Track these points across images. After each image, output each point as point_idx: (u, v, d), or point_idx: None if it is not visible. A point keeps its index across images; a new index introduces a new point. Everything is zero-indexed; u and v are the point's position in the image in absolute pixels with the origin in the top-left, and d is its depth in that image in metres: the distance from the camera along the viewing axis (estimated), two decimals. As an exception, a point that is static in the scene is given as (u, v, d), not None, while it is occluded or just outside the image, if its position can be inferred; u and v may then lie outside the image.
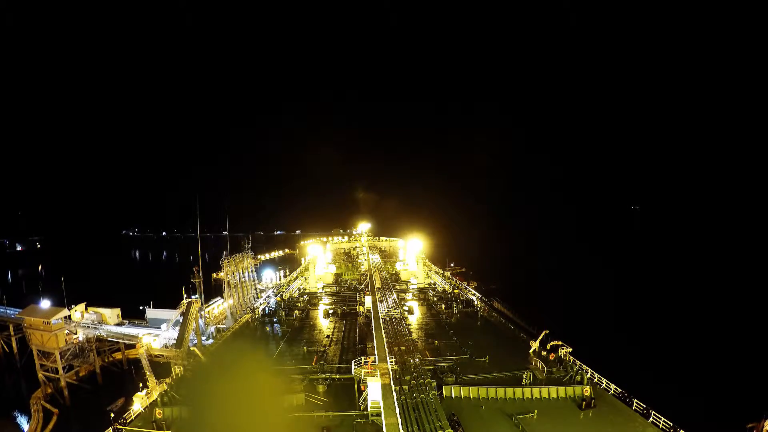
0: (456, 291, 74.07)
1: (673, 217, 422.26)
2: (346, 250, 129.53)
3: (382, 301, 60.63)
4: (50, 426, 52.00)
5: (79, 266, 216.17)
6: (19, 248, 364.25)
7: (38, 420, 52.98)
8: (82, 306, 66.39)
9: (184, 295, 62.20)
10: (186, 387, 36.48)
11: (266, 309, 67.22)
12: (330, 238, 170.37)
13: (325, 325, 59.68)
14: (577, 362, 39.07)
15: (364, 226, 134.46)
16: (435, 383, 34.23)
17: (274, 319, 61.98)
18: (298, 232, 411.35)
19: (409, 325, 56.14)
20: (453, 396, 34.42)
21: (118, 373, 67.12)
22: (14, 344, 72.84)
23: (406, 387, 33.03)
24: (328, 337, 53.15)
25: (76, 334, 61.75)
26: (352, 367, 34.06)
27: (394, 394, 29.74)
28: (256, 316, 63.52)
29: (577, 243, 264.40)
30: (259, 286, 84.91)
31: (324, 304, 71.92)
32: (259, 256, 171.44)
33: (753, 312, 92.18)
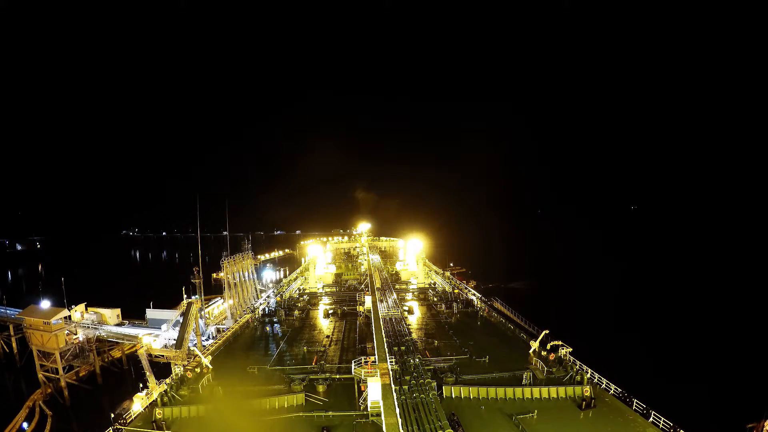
0: (456, 291, 74.01)
1: (673, 217, 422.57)
2: (346, 250, 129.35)
3: (382, 301, 60.58)
4: (47, 428, 51.92)
5: (79, 266, 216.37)
6: (19, 248, 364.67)
7: (36, 420, 52.97)
8: (82, 306, 66.43)
9: (184, 296, 62.36)
10: (186, 387, 36.50)
11: (266, 309, 67.14)
12: (330, 238, 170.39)
13: (325, 325, 59.61)
14: (577, 362, 39.01)
15: (364, 226, 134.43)
16: (435, 383, 34.12)
17: (274, 319, 61.89)
18: (298, 232, 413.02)
19: (409, 325, 56.02)
20: (453, 396, 34.34)
21: (118, 373, 67.21)
22: (14, 344, 72.86)
23: (406, 387, 32.95)
24: (328, 337, 53.08)
25: (76, 334, 61.78)
26: (352, 367, 33.96)
27: (394, 394, 29.65)
28: (256, 316, 63.47)
29: (576, 243, 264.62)
30: (259, 286, 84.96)
31: (324, 304, 71.81)
32: (259, 256, 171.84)
33: (752, 312, 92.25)
